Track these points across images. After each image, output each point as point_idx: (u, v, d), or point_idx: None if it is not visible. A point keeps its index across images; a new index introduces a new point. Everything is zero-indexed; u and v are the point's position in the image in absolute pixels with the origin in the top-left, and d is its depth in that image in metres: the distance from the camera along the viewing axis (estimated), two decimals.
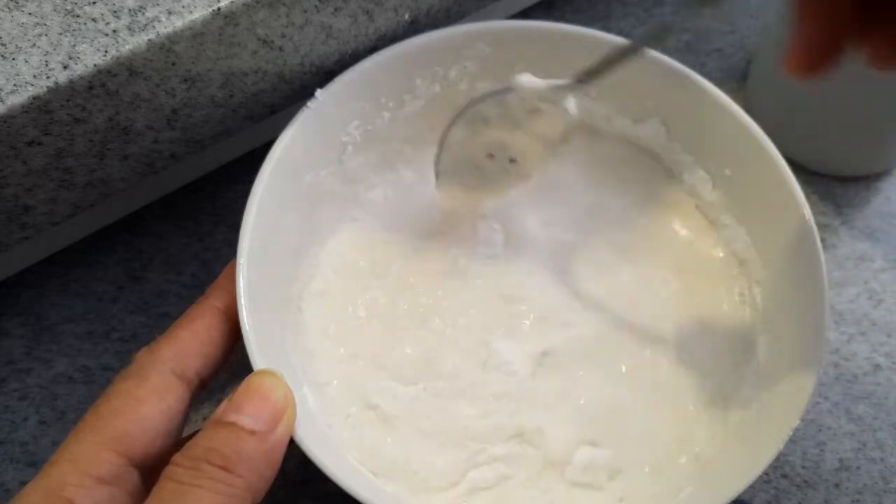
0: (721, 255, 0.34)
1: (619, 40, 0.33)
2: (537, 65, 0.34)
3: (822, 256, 0.29)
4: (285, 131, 0.30)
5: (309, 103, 0.31)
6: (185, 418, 0.27)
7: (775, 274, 0.31)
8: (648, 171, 0.36)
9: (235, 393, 0.25)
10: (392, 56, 0.32)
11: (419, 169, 0.35)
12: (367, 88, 0.32)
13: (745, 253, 0.33)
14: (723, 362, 0.32)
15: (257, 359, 0.26)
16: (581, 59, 0.33)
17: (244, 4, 0.27)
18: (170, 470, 0.23)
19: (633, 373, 0.32)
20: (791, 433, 0.26)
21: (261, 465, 0.24)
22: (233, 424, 0.24)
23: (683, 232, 0.35)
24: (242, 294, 0.27)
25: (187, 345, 0.26)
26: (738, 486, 0.26)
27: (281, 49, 0.30)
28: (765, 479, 0.32)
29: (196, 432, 0.25)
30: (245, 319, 0.27)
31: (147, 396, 0.25)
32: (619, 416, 0.31)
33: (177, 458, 0.23)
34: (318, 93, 0.31)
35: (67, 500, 0.23)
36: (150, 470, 0.25)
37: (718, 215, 0.34)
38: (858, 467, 0.33)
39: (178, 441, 0.26)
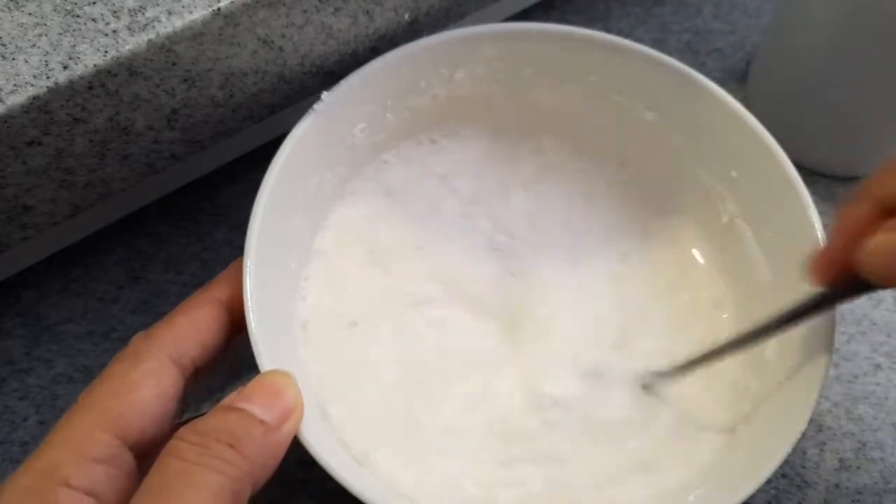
0: (727, 257, 0.34)
1: (625, 42, 0.33)
2: (542, 66, 0.34)
3: None
4: (292, 133, 0.30)
5: (315, 106, 0.31)
6: (180, 404, 0.26)
7: (782, 280, 0.31)
8: (653, 174, 0.36)
9: (247, 386, 0.25)
10: (398, 58, 0.32)
11: (425, 171, 0.35)
12: (373, 91, 0.32)
13: (751, 255, 0.33)
14: (729, 367, 0.32)
15: (264, 360, 0.26)
16: (585, 61, 0.33)
17: (244, 4, 0.27)
18: (174, 446, 0.23)
19: (635, 379, 0.32)
20: (798, 438, 0.26)
21: (266, 453, 0.23)
22: (243, 410, 0.24)
23: (689, 235, 0.35)
24: (250, 296, 0.27)
25: (185, 331, 0.26)
26: (744, 491, 0.26)
27: (281, 49, 0.30)
28: None
29: (190, 419, 0.25)
30: (252, 322, 0.26)
31: (142, 379, 0.25)
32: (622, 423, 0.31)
33: (183, 432, 0.23)
34: (325, 95, 0.31)
35: (63, 480, 0.22)
36: (143, 453, 0.25)
37: (724, 217, 0.34)
38: (858, 467, 0.33)
39: (172, 429, 0.26)
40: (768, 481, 0.26)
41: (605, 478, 0.30)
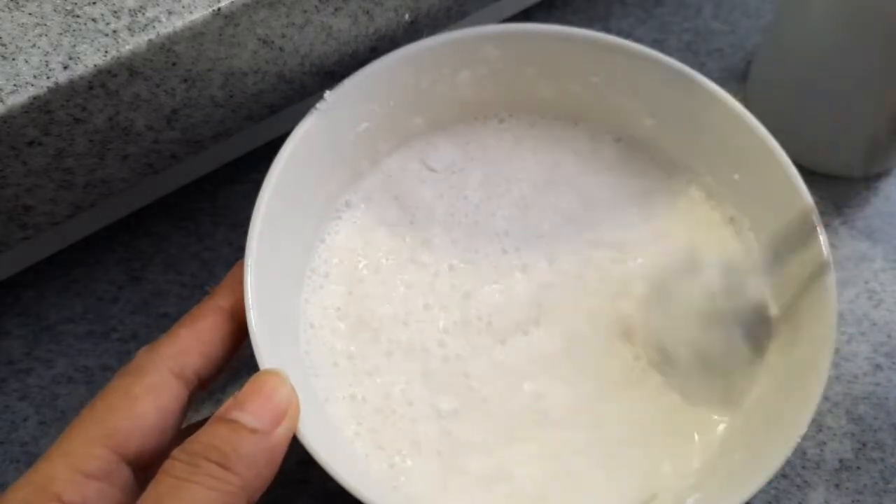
0: (729, 259, 0.34)
1: (625, 43, 0.33)
2: (543, 66, 0.34)
3: (832, 264, 0.29)
4: (294, 132, 0.30)
5: (318, 105, 0.31)
6: (183, 418, 0.27)
7: (783, 281, 0.31)
8: (652, 176, 0.36)
9: (239, 391, 0.25)
10: (401, 58, 0.32)
11: (428, 170, 0.35)
12: (376, 90, 0.32)
13: (754, 258, 0.33)
14: (729, 368, 0.32)
15: (265, 359, 0.26)
16: (586, 62, 0.33)
17: (244, 4, 0.27)
18: (168, 464, 0.23)
19: (636, 379, 0.32)
20: (798, 441, 0.27)
21: (260, 464, 0.24)
22: (234, 422, 0.24)
23: (689, 237, 0.35)
24: (250, 295, 0.27)
25: (188, 344, 0.26)
26: (744, 494, 0.26)
27: (281, 49, 0.30)
28: None
29: (196, 424, 0.25)
30: (253, 320, 0.26)
31: (143, 394, 0.25)
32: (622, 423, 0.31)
33: (176, 452, 0.23)
34: (327, 94, 0.31)
35: (55, 495, 0.23)
36: (144, 468, 0.25)
37: (727, 221, 0.34)
38: (858, 467, 0.33)
39: (176, 436, 0.26)
40: (768, 482, 0.26)
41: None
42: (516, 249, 0.34)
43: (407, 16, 0.33)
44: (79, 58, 0.26)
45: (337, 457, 0.26)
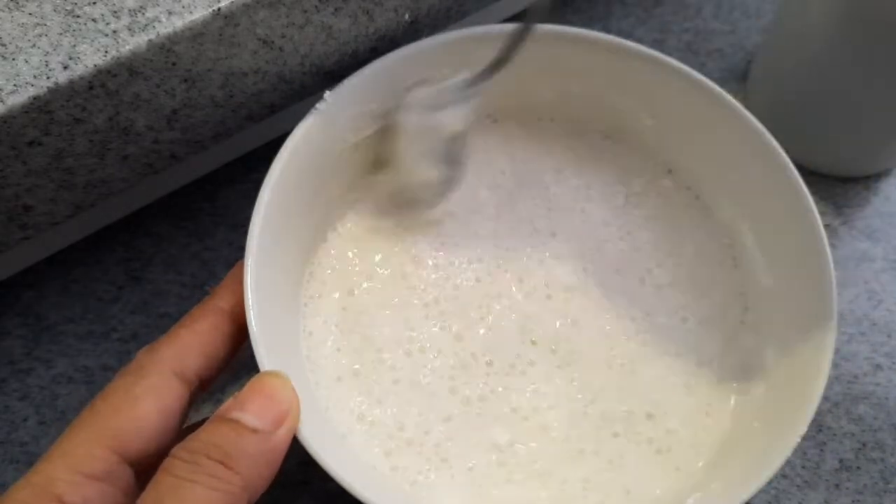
0: (728, 261, 0.34)
1: (625, 43, 0.33)
2: (543, 66, 0.34)
3: (832, 264, 0.29)
4: (294, 132, 0.30)
5: (318, 105, 0.31)
6: (183, 418, 0.26)
7: (782, 281, 0.31)
8: (650, 175, 0.36)
9: (241, 391, 0.25)
10: (401, 58, 0.32)
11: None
12: (376, 90, 0.32)
13: (752, 259, 0.33)
14: (729, 370, 0.32)
15: (265, 360, 0.26)
16: (585, 62, 0.33)
17: (244, 4, 0.27)
18: (168, 462, 0.23)
19: (635, 384, 0.32)
20: (798, 441, 0.27)
21: (260, 464, 0.23)
22: (235, 421, 0.24)
23: (687, 239, 0.35)
24: (250, 295, 0.27)
25: (188, 345, 0.26)
26: (744, 494, 0.26)
27: (281, 49, 0.30)
28: None
29: (197, 424, 0.25)
30: (253, 321, 0.26)
31: (144, 395, 0.25)
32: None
33: (176, 450, 0.23)
34: (327, 94, 0.31)
35: (56, 496, 0.23)
36: (145, 468, 0.25)
37: (725, 222, 0.34)
38: (858, 467, 0.33)
39: (177, 436, 0.26)
40: (768, 482, 0.26)
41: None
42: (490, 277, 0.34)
43: (407, 16, 0.33)
44: (79, 58, 0.26)
45: (337, 458, 0.26)
